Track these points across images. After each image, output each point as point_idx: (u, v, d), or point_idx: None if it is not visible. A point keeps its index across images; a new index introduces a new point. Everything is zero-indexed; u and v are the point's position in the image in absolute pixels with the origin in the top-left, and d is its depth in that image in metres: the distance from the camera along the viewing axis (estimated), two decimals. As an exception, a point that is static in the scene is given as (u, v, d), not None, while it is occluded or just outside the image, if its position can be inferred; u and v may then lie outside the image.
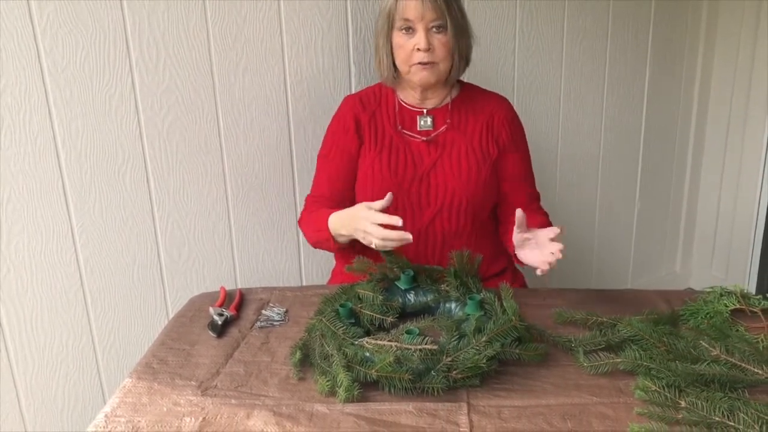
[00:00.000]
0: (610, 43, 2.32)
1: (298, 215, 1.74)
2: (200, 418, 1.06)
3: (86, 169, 1.58)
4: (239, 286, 1.74)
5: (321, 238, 1.49)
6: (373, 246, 1.33)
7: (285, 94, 1.78)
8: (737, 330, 1.22)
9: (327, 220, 1.46)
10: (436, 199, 1.54)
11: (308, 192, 1.66)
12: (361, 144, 1.58)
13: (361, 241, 1.36)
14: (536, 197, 1.64)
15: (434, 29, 1.46)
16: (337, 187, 1.59)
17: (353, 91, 1.85)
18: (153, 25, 1.56)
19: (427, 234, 1.55)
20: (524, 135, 1.63)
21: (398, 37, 1.49)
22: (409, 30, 1.47)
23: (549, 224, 1.52)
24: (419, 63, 1.48)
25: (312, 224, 1.54)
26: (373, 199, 1.51)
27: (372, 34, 1.81)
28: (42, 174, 1.54)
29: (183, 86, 1.64)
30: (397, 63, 1.52)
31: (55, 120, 1.52)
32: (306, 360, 1.19)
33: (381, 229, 1.30)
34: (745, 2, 2.47)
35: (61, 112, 1.52)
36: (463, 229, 1.56)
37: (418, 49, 1.46)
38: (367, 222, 1.32)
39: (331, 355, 1.14)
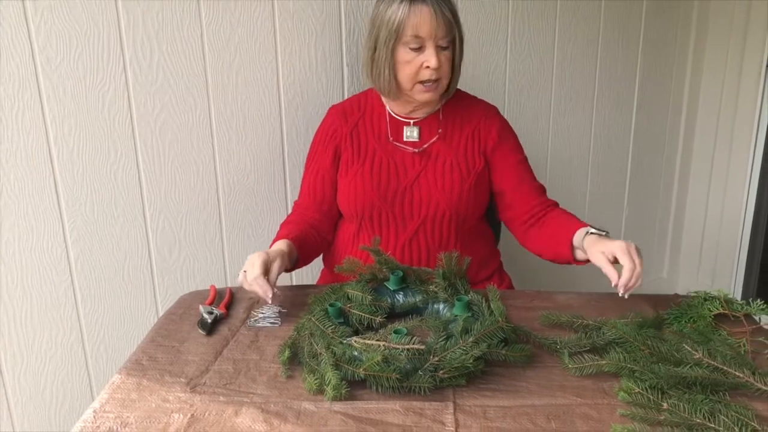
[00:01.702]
0: (601, 48, 2.34)
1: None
2: (189, 415, 1.07)
3: (78, 167, 1.59)
4: (229, 285, 1.74)
5: None
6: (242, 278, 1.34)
7: (278, 95, 1.79)
8: (720, 334, 1.24)
9: (273, 243, 1.48)
10: (419, 211, 1.54)
11: (299, 192, 1.67)
12: (339, 158, 1.58)
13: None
14: (543, 190, 1.61)
15: (441, 46, 1.44)
16: (317, 196, 1.60)
17: (345, 93, 1.86)
18: (147, 23, 1.57)
19: (411, 246, 1.56)
20: (515, 138, 1.62)
21: (404, 53, 1.45)
22: (419, 47, 1.43)
23: (570, 219, 1.50)
24: (424, 82, 1.46)
25: (277, 234, 1.55)
26: (357, 213, 1.54)
27: (365, 36, 1.83)
28: (34, 171, 1.54)
29: (176, 85, 1.65)
30: (400, 78, 1.48)
31: (47, 117, 1.52)
32: (294, 358, 1.20)
33: (253, 277, 1.31)
34: (735, 7, 2.49)
35: (54, 109, 1.52)
36: (447, 240, 1.56)
37: (427, 67, 1.44)
38: (254, 263, 1.32)
39: (320, 353, 1.15)
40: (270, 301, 1.32)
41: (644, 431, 0.99)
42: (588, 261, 1.36)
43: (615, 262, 1.28)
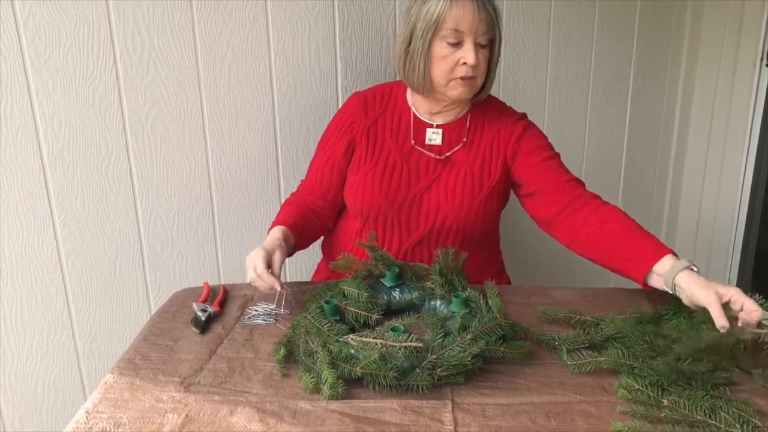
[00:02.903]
0: (596, 43, 2.33)
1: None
2: (183, 415, 1.05)
3: (68, 162, 1.57)
4: (223, 282, 1.73)
5: None
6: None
7: (271, 89, 1.77)
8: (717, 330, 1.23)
9: (271, 228, 1.45)
10: (426, 221, 1.50)
11: (293, 187, 1.66)
12: (353, 151, 1.53)
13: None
14: (579, 182, 1.50)
15: (480, 44, 1.39)
16: (324, 183, 1.56)
17: (339, 87, 1.85)
18: (137, 16, 1.55)
19: (413, 256, 1.53)
20: (541, 138, 1.53)
21: (442, 48, 1.39)
22: (457, 42, 1.38)
23: (645, 235, 1.36)
24: (461, 78, 1.41)
25: (276, 217, 1.52)
26: (362, 213, 1.51)
27: (360, 30, 1.81)
28: (23, 167, 1.52)
29: (168, 79, 1.62)
30: (434, 74, 1.42)
31: (37, 112, 1.50)
32: (290, 357, 1.18)
33: (258, 274, 1.29)
34: (729, 2, 2.49)
35: (43, 104, 1.50)
36: None
37: (464, 63, 1.39)
38: (255, 262, 1.30)
39: (316, 351, 1.14)
40: (278, 290, 1.30)
41: (645, 428, 0.98)
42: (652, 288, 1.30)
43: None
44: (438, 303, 1.32)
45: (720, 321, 1.14)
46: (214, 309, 1.36)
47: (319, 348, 1.14)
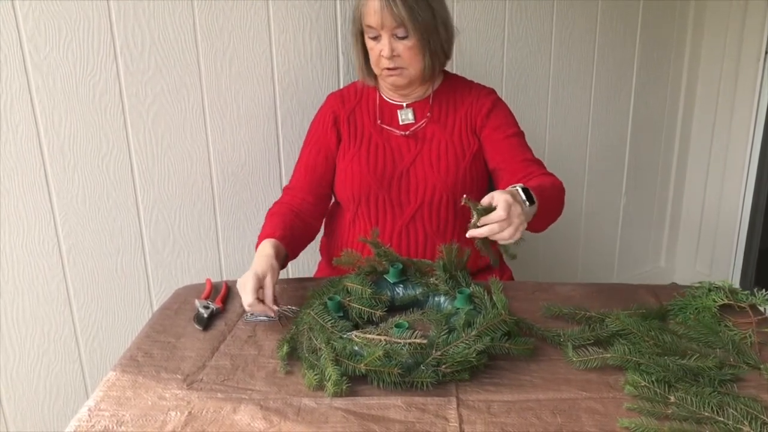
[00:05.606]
0: (599, 38, 2.32)
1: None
2: (186, 412, 1.05)
3: (69, 158, 1.56)
4: (225, 279, 1.72)
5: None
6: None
7: (272, 84, 1.76)
8: (725, 325, 1.23)
9: (260, 243, 1.42)
10: (416, 195, 1.53)
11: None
12: (340, 141, 1.57)
13: None
14: (534, 163, 1.50)
15: (397, 35, 1.45)
16: (313, 178, 1.57)
17: (341, 81, 1.84)
18: (138, 11, 1.54)
19: (408, 231, 1.54)
20: (507, 115, 1.57)
21: (367, 41, 1.50)
22: (376, 36, 1.47)
23: (545, 185, 1.37)
24: (386, 68, 1.48)
25: (262, 229, 1.49)
26: (354, 197, 1.53)
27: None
28: (24, 163, 1.51)
29: (168, 74, 1.61)
30: (372, 65, 1.52)
31: (37, 108, 1.49)
32: (293, 353, 1.18)
33: (251, 305, 1.27)
34: (731, 2, 2.48)
35: (43, 99, 1.49)
36: (445, 226, 1.54)
37: (383, 56, 1.47)
38: (246, 288, 1.27)
39: (320, 348, 1.13)
40: (275, 317, 1.29)
41: (652, 425, 0.98)
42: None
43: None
44: (442, 299, 1.31)
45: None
46: (217, 306, 1.36)
47: (323, 345, 1.13)
